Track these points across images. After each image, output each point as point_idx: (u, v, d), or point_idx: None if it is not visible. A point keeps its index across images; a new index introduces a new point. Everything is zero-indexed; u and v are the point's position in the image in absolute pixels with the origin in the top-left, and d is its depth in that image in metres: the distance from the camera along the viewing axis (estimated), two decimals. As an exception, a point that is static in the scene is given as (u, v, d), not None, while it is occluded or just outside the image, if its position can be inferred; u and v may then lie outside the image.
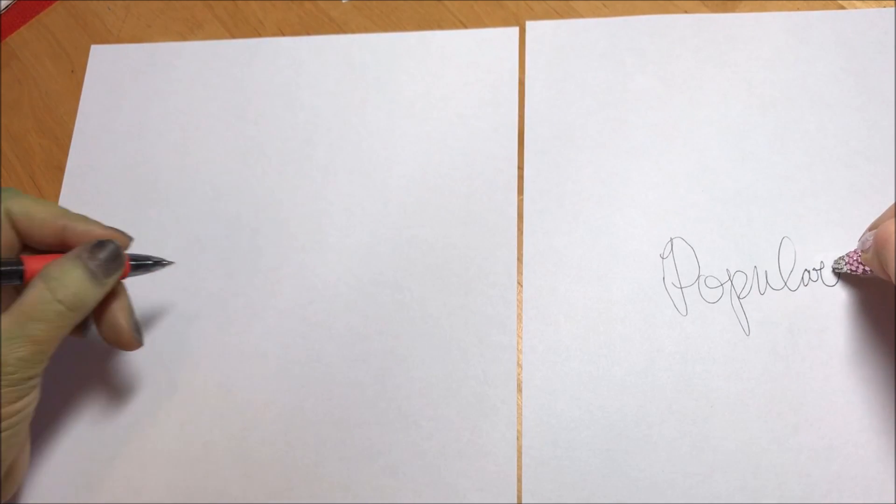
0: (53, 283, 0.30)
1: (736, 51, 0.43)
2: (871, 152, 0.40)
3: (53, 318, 0.30)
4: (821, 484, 0.35)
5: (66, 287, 0.31)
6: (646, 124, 0.42)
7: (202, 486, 0.38)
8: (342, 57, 0.46)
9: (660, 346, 0.38)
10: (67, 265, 0.31)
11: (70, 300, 0.31)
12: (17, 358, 0.29)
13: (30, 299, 0.30)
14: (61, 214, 0.34)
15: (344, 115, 0.45)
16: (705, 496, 0.35)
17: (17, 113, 0.50)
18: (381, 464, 0.37)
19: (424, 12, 0.48)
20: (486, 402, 0.38)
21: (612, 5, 0.45)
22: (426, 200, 0.42)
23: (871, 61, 0.41)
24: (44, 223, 0.33)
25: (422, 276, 0.40)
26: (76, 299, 0.31)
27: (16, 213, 0.33)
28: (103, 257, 0.32)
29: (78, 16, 0.52)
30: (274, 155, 0.44)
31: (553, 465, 0.36)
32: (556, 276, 0.40)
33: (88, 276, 0.32)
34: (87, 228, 0.34)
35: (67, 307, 0.31)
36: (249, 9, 0.50)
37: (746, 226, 0.39)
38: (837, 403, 0.36)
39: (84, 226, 0.34)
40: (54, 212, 0.34)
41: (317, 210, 0.43)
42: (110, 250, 0.33)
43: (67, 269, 0.31)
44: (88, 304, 0.32)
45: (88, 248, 0.32)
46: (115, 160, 0.46)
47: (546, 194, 0.41)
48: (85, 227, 0.34)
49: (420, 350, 0.39)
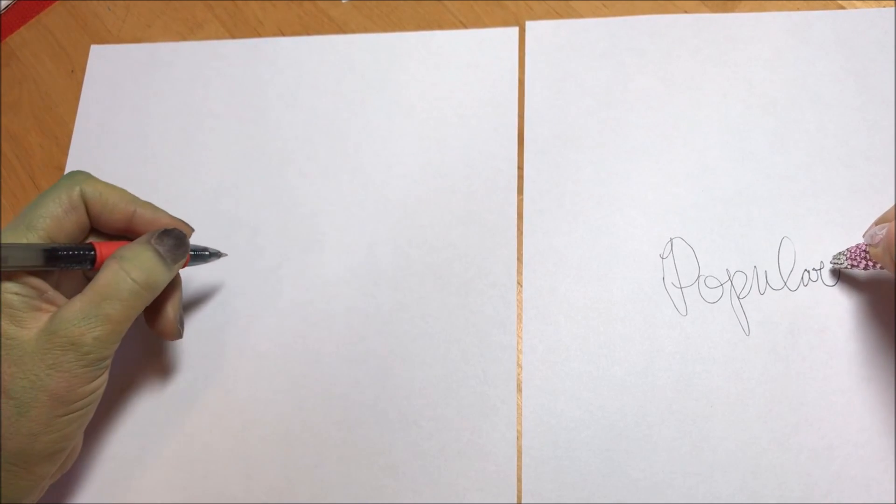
0: (127, 263, 0.32)
1: (736, 51, 0.43)
2: (871, 152, 0.40)
3: (128, 296, 0.32)
4: (821, 484, 0.35)
5: (139, 267, 0.32)
6: (646, 124, 0.42)
7: (202, 485, 0.38)
8: (342, 57, 0.46)
9: (660, 346, 0.38)
10: (138, 248, 0.33)
11: (143, 279, 0.32)
12: (94, 337, 0.31)
13: (104, 279, 0.31)
14: (131, 200, 0.35)
15: (344, 115, 0.45)
16: (705, 496, 0.35)
17: (17, 113, 0.50)
18: (380, 463, 0.37)
19: (424, 12, 0.48)
20: (486, 402, 0.38)
21: (612, 5, 0.45)
22: (426, 200, 0.42)
23: (871, 61, 0.41)
24: (115, 207, 0.34)
25: (422, 276, 0.40)
26: (149, 278, 0.32)
27: (90, 196, 0.34)
28: (170, 243, 0.34)
29: (78, 16, 0.52)
30: (274, 155, 0.44)
31: (553, 465, 0.36)
32: (556, 276, 0.40)
33: (159, 258, 0.33)
34: (154, 216, 0.35)
35: (141, 286, 0.32)
36: (249, 9, 0.50)
37: (746, 226, 0.39)
38: (837, 403, 0.36)
39: (152, 213, 0.35)
40: (125, 197, 0.35)
41: (317, 210, 0.43)
42: (176, 237, 0.34)
43: (139, 252, 0.33)
44: (159, 284, 0.33)
45: (157, 235, 0.34)
46: (114, 160, 0.46)
47: (546, 194, 0.41)
48: (153, 215, 0.35)
49: (420, 350, 0.39)
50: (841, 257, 0.37)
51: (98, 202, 0.34)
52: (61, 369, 0.30)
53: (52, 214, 0.33)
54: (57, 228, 0.33)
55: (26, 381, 0.30)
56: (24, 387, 0.30)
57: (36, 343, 0.30)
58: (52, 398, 0.30)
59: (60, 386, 0.30)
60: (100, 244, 0.34)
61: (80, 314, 0.31)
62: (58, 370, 0.30)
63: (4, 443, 0.29)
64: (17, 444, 0.30)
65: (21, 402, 0.30)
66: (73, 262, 0.33)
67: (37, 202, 0.33)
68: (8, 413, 0.29)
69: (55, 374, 0.30)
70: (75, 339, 0.30)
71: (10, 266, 0.30)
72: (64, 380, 0.30)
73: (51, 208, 0.33)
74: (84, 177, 0.34)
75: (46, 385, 0.30)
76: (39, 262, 0.31)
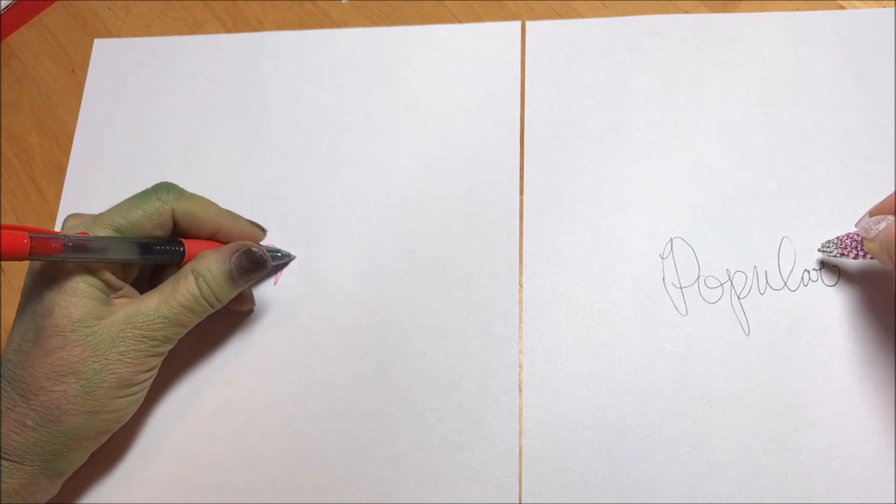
0: (201, 280, 0.35)
1: (736, 51, 0.43)
2: (871, 152, 0.40)
3: (198, 309, 0.35)
4: (821, 484, 0.35)
5: (211, 287, 0.35)
6: (646, 124, 0.42)
7: (205, 477, 0.38)
8: (345, 51, 0.46)
9: (660, 346, 0.38)
10: (216, 267, 0.36)
11: (214, 298, 0.36)
12: (163, 335, 0.35)
13: (183, 289, 0.35)
14: (217, 214, 0.38)
15: (346, 109, 0.45)
16: (705, 496, 0.35)
17: (17, 113, 0.50)
18: (382, 456, 0.37)
19: (424, 12, 0.48)
20: (488, 394, 0.38)
21: (612, 5, 0.45)
22: (428, 193, 0.42)
23: (871, 61, 0.41)
24: (202, 223, 0.37)
25: (424, 269, 0.41)
26: (220, 296, 0.36)
27: (179, 214, 0.37)
28: (247, 267, 0.37)
29: (78, 16, 0.52)
30: (277, 148, 0.44)
31: (553, 465, 0.36)
32: (556, 276, 0.40)
33: (230, 280, 0.36)
34: (239, 229, 0.39)
35: (210, 304, 0.36)
36: (249, 9, 0.50)
37: (746, 226, 0.39)
38: (837, 403, 0.36)
39: (237, 226, 0.39)
40: (211, 211, 0.38)
41: (320, 203, 0.43)
42: (255, 261, 0.37)
43: (216, 272, 0.36)
44: (224, 301, 0.36)
45: (237, 255, 0.36)
46: (117, 153, 0.46)
47: (546, 194, 0.41)
48: (237, 228, 0.39)
49: (422, 342, 0.39)
50: (830, 246, 0.37)
51: (186, 219, 0.37)
52: (131, 356, 0.34)
53: (141, 228, 0.35)
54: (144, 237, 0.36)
55: (98, 365, 0.33)
56: (95, 369, 0.33)
57: (110, 331, 0.33)
58: (118, 381, 0.33)
59: (128, 371, 0.34)
60: (188, 242, 0.37)
61: (157, 313, 0.34)
62: (128, 357, 0.34)
63: (68, 419, 0.33)
64: (78, 420, 0.33)
65: (90, 383, 0.33)
66: (164, 256, 0.36)
67: (125, 211, 0.35)
68: (76, 391, 0.32)
69: (125, 359, 0.34)
70: (148, 333, 0.34)
71: (109, 258, 0.33)
72: (132, 366, 0.34)
73: (141, 222, 0.35)
74: (175, 195, 0.37)
75: (116, 369, 0.33)
76: (134, 256, 0.34)
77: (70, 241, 0.31)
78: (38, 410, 0.32)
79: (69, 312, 0.32)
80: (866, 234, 0.34)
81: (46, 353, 0.32)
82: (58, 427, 0.33)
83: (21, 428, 0.32)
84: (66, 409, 0.32)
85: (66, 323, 0.32)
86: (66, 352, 0.32)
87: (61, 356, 0.32)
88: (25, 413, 0.32)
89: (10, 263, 0.46)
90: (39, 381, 0.32)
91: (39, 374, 0.32)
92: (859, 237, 0.35)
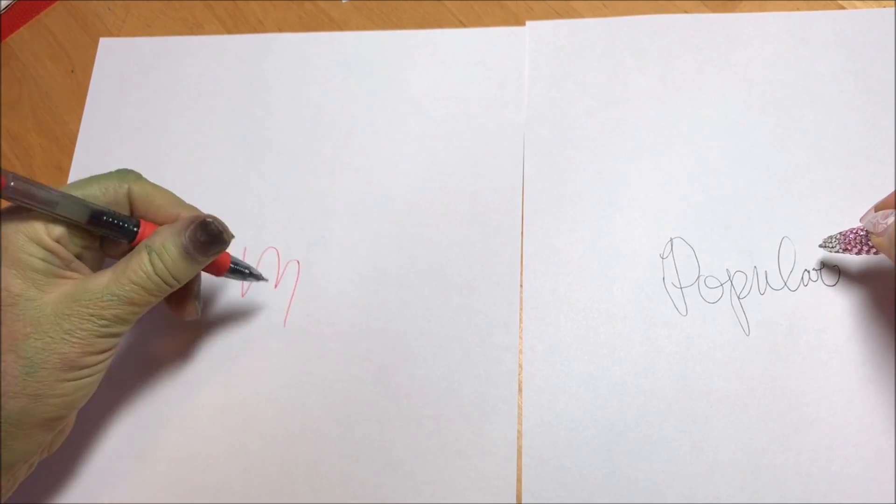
0: (154, 256, 0.33)
1: (736, 51, 0.43)
2: (871, 152, 0.40)
3: (151, 286, 0.33)
4: (821, 484, 0.35)
5: (165, 263, 0.33)
6: (646, 124, 0.42)
7: (203, 480, 0.38)
8: (349, 54, 0.46)
9: (660, 346, 0.38)
10: (169, 240, 0.33)
11: (165, 275, 0.33)
12: (114, 314, 0.32)
13: (133, 266, 0.32)
14: (177, 203, 0.36)
15: (350, 112, 0.45)
16: (705, 496, 0.35)
17: (17, 113, 0.50)
18: (381, 461, 0.37)
19: (424, 12, 0.48)
20: (487, 402, 0.38)
21: (612, 5, 0.45)
22: (431, 199, 0.42)
23: (871, 61, 0.41)
24: (160, 209, 0.35)
25: (425, 275, 0.40)
26: (173, 273, 0.33)
27: (136, 196, 0.35)
28: (202, 239, 0.34)
29: (78, 16, 0.52)
30: (281, 151, 0.44)
31: (553, 465, 0.36)
32: (556, 276, 0.40)
33: (186, 256, 0.33)
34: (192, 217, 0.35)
35: (164, 280, 0.33)
36: (249, 9, 0.50)
37: (746, 226, 0.39)
38: (837, 403, 0.36)
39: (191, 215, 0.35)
40: (171, 200, 0.36)
41: (322, 206, 0.43)
42: (210, 233, 0.34)
43: (169, 245, 0.33)
44: (183, 279, 0.34)
45: (191, 227, 0.34)
46: (121, 153, 0.46)
47: (546, 194, 0.41)
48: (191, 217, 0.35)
49: (422, 348, 0.39)
50: (833, 241, 0.36)
51: (143, 202, 0.35)
52: (77, 336, 0.31)
53: (95, 201, 0.33)
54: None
55: (40, 343, 0.30)
56: (37, 347, 0.30)
57: (55, 307, 0.31)
58: (63, 362, 0.31)
59: (73, 351, 0.31)
60: (145, 224, 0.35)
61: (106, 290, 0.32)
62: (73, 336, 0.31)
63: (8, 401, 0.30)
64: (20, 404, 0.30)
65: (32, 363, 0.30)
66: (114, 230, 0.34)
67: (82, 184, 0.33)
68: (16, 371, 0.30)
69: (71, 339, 0.31)
70: (96, 312, 0.31)
71: (57, 214, 0.31)
72: (78, 346, 0.31)
73: (95, 195, 0.33)
74: (134, 176, 0.35)
75: (59, 349, 0.31)
76: (83, 219, 0.32)
77: (16, 179, 0.29)
78: None
79: (8, 284, 0.30)
80: (874, 229, 0.33)
81: None
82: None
83: None
84: (6, 391, 0.30)
85: (6, 296, 0.30)
86: (5, 327, 0.30)
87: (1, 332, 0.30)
88: None
89: None
90: None
91: None
92: (863, 232, 0.35)
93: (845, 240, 0.36)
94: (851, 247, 0.35)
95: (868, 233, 0.34)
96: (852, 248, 0.35)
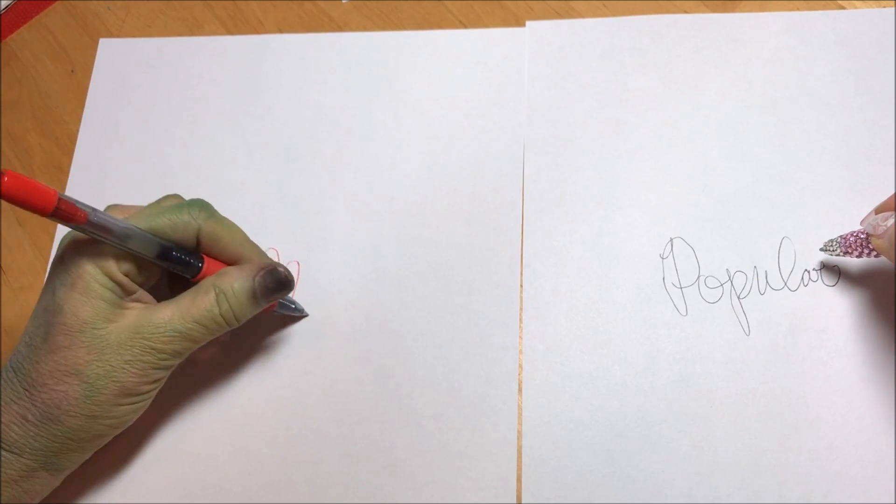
0: (222, 297, 0.34)
1: (736, 51, 0.43)
2: (871, 152, 0.40)
3: (213, 327, 0.34)
4: (821, 484, 0.35)
5: (231, 305, 0.34)
6: (646, 124, 0.42)
7: (203, 480, 0.38)
8: (350, 54, 0.46)
9: (660, 346, 0.38)
10: (239, 285, 0.35)
11: (230, 317, 0.35)
12: (173, 349, 0.34)
13: (201, 303, 0.34)
14: (241, 242, 0.37)
15: (350, 113, 0.45)
16: (705, 496, 0.35)
17: (17, 113, 0.50)
18: (381, 462, 0.37)
19: (424, 12, 0.48)
20: (487, 402, 0.38)
21: (612, 5, 0.45)
22: (431, 199, 0.42)
23: (871, 61, 0.41)
24: (224, 249, 0.36)
25: (425, 275, 0.40)
26: (239, 316, 0.35)
27: (204, 234, 0.35)
28: (272, 286, 0.35)
29: (78, 16, 0.52)
30: (281, 152, 0.44)
31: (553, 465, 0.36)
32: (556, 276, 0.40)
33: (252, 299, 0.35)
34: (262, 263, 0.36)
35: (227, 322, 0.35)
36: (249, 9, 0.50)
37: (746, 226, 0.39)
38: (837, 403, 0.36)
39: (258, 260, 0.37)
40: (237, 239, 0.36)
41: (322, 207, 0.43)
42: (280, 281, 0.36)
43: (239, 290, 0.35)
44: (243, 320, 0.35)
45: (262, 273, 0.35)
46: (121, 154, 0.46)
47: (546, 194, 0.41)
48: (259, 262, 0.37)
49: (422, 349, 0.39)
50: (833, 244, 0.36)
51: (209, 241, 0.35)
52: (136, 367, 0.33)
53: (163, 236, 0.34)
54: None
55: (101, 370, 0.32)
56: (98, 374, 0.32)
57: (118, 337, 0.33)
58: (121, 389, 0.33)
59: (131, 380, 0.33)
60: (208, 261, 0.36)
61: (169, 326, 0.33)
62: (133, 366, 0.33)
63: (68, 419, 0.32)
64: (78, 423, 0.33)
65: (92, 388, 0.32)
66: (179, 265, 0.34)
67: (152, 214, 0.34)
68: (77, 394, 0.32)
69: (130, 369, 0.33)
70: (157, 346, 0.33)
71: (129, 248, 0.32)
72: (135, 375, 0.33)
73: (164, 230, 0.34)
74: (206, 214, 0.35)
75: (119, 377, 0.33)
76: (152, 254, 0.33)
77: (96, 215, 0.31)
78: (39, 407, 0.32)
79: (78, 311, 0.32)
80: (874, 231, 0.33)
81: (52, 350, 0.32)
82: (57, 426, 0.32)
83: (22, 421, 0.32)
84: (66, 409, 0.32)
85: (74, 322, 0.32)
86: (71, 352, 0.32)
87: (66, 356, 0.32)
88: (27, 407, 0.32)
89: (12, 260, 0.46)
90: (43, 377, 0.32)
91: (44, 370, 0.32)
92: (864, 235, 0.35)
93: (846, 243, 0.36)
94: (852, 250, 0.35)
95: (868, 235, 0.34)
96: (853, 251, 0.35)
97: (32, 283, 0.45)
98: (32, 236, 0.46)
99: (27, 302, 0.44)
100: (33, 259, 0.45)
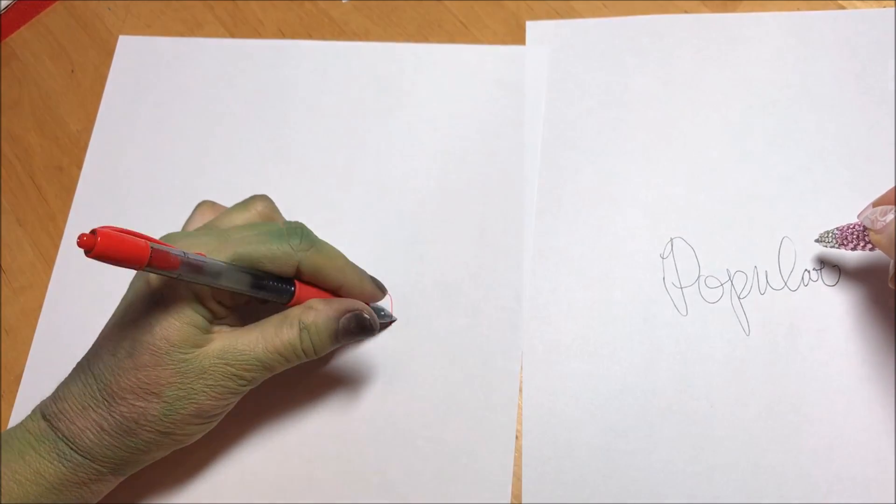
0: (305, 333, 0.34)
1: (736, 51, 0.43)
2: (871, 152, 0.40)
3: (293, 359, 0.35)
4: (821, 484, 0.35)
5: (313, 341, 0.34)
6: (646, 124, 0.42)
7: (196, 493, 0.38)
8: (367, 64, 0.46)
9: (660, 346, 0.38)
10: (322, 323, 0.34)
11: (310, 352, 0.35)
12: (252, 376, 0.34)
13: (283, 338, 0.34)
14: (343, 271, 0.36)
15: (364, 124, 0.44)
16: (705, 496, 0.35)
17: (17, 113, 0.50)
18: (375, 483, 0.37)
19: (424, 12, 0.48)
20: (487, 402, 0.38)
21: (612, 5, 0.45)
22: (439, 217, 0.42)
23: (871, 61, 0.41)
24: (325, 279, 0.36)
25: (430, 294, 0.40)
26: (315, 352, 0.35)
27: (304, 266, 0.34)
28: (354, 331, 0.35)
29: (78, 16, 0.52)
30: (291, 160, 0.44)
31: (553, 465, 0.36)
32: (556, 276, 0.40)
33: (334, 338, 0.35)
34: (361, 289, 0.37)
35: (306, 355, 0.35)
36: (249, 9, 0.50)
37: (746, 226, 0.39)
38: (837, 403, 0.36)
39: (359, 286, 0.37)
40: (338, 266, 0.36)
41: (331, 218, 0.42)
42: (363, 328, 0.35)
43: (323, 329, 0.34)
44: (321, 355, 0.35)
45: (347, 316, 0.35)
46: (134, 153, 0.46)
47: (546, 194, 0.41)
48: (359, 288, 0.37)
49: (422, 369, 0.39)
50: (829, 236, 0.36)
51: (309, 273, 0.35)
52: (216, 391, 0.33)
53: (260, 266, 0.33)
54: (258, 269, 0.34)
55: (181, 392, 0.33)
56: (178, 395, 0.33)
57: (202, 361, 0.33)
58: (197, 411, 0.33)
59: (208, 403, 0.34)
60: (299, 286, 0.35)
61: (252, 355, 0.33)
62: (212, 390, 0.33)
63: (143, 433, 0.33)
64: (151, 437, 0.33)
65: (171, 408, 0.33)
66: (273, 293, 0.34)
67: (253, 245, 0.33)
68: (155, 412, 0.33)
69: (210, 392, 0.33)
70: (238, 373, 0.34)
71: (220, 285, 0.32)
72: (213, 399, 0.34)
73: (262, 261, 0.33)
74: (307, 244, 0.34)
75: (197, 399, 0.33)
76: (245, 287, 0.33)
77: (188, 258, 0.30)
78: (116, 418, 0.33)
79: (168, 335, 0.32)
80: (872, 226, 0.33)
81: (137, 367, 0.32)
82: (132, 439, 0.33)
83: (98, 430, 0.33)
84: (142, 424, 0.33)
85: (163, 344, 0.32)
86: (155, 372, 0.32)
87: (150, 375, 0.32)
88: (105, 416, 0.33)
89: (12, 260, 0.46)
90: (124, 391, 0.32)
91: (126, 384, 0.32)
92: (860, 227, 0.35)
93: (842, 235, 0.36)
94: (847, 242, 0.35)
95: (866, 229, 0.34)
96: (848, 243, 0.35)
97: (32, 282, 0.45)
98: (32, 236, 0.46)
99: (27, 302, 0.44)
100: (33, 259, 0.45)
